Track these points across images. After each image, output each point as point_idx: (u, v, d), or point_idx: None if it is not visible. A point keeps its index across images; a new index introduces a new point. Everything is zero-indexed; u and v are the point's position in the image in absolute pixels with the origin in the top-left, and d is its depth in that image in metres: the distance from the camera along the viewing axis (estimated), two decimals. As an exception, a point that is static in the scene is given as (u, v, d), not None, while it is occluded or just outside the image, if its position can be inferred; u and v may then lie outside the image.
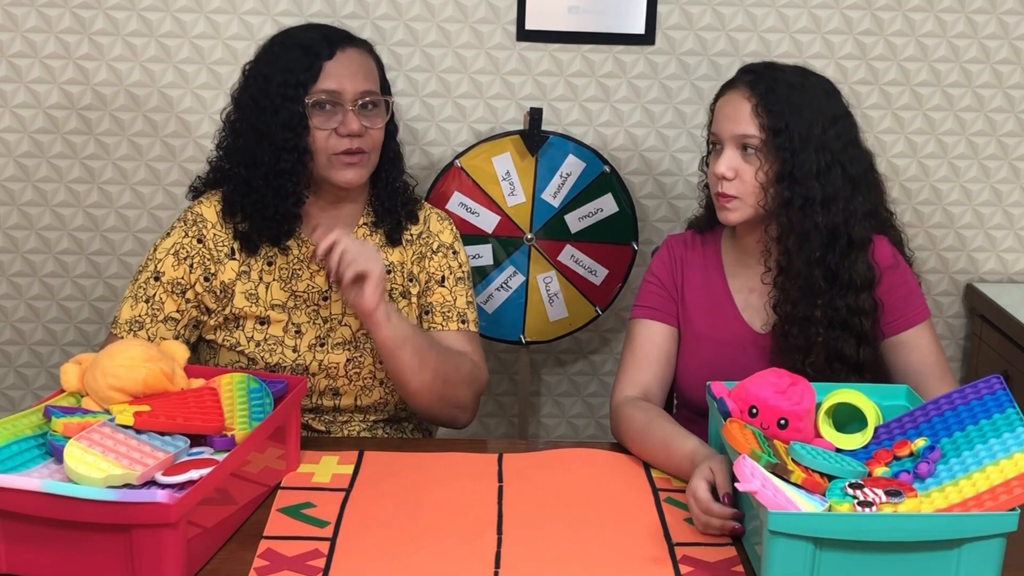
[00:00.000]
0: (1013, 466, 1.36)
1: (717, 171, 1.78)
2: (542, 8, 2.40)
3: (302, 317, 1.85)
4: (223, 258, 1.82)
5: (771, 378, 1.58)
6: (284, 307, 1.84)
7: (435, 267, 1.92)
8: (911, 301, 1.83)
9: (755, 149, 1.76)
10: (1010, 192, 2.55)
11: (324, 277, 1.84)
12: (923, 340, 1.82)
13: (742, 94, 1.78)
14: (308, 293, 1.85)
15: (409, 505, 1.55)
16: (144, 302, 1.81)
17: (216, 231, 1.83)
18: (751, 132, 1.76)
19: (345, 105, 1.78)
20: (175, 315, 1.81)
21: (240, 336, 1.83)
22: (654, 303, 1.89)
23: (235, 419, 1.52)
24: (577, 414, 2.69)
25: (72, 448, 1.35)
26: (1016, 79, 2.48)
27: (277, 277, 1.85)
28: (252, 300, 1.83)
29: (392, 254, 1.90)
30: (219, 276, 1.82)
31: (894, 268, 1.82)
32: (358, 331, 1.86)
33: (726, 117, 1.79)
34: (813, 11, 2.43)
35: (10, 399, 2.60)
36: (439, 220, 1.97)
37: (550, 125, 2.44)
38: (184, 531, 1.30)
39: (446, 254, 1.93)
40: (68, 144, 2.44)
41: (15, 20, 2.37)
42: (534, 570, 1.40)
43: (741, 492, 1.36)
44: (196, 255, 1.82)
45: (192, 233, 1.83)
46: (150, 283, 1.81)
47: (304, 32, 1.86)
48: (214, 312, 1.83)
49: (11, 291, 2.52)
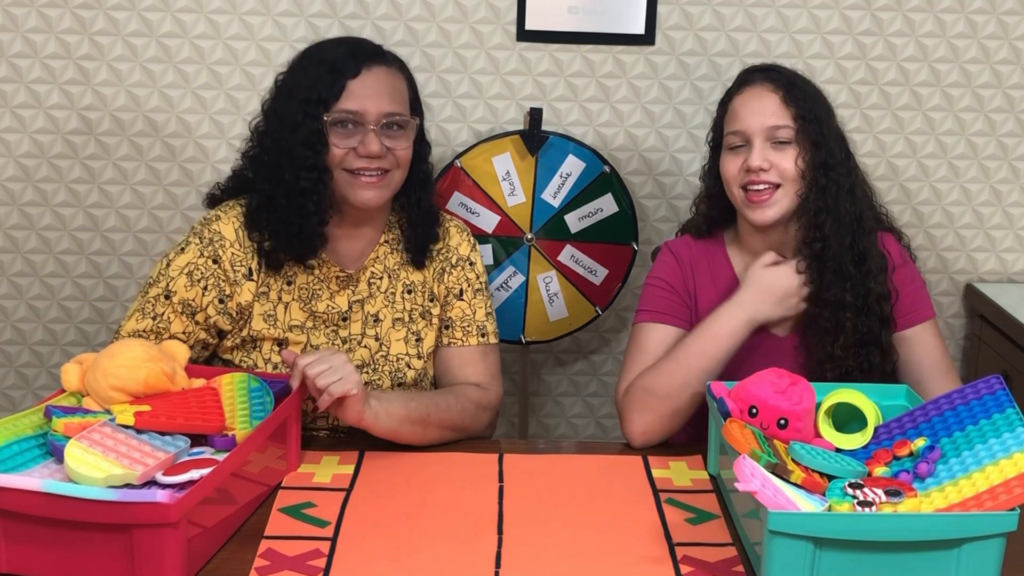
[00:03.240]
0: (1013, 466, 1.36)
1: (752, 164, 1.77)
2: (542, 8, 2.40)
3: (320, 338, 1.80)
4: (240, 279, 1.75)
5: (771, 378, 1.58)
6: (303, 328, 1.79)
7: (453, 280, 1.88)
8: (918, 299, 1.87)
9: (788, 140, 1.78)
10: (1010, 192, 2.55)
11: (344, 298, 1.81)
12: (929, 337, 1.85)
13: (765, 88, 1.80)
14: (328, 314, 1.80)
15: (409, 505, 1.55)
16: (151, 318, 1.74)
17: (234, 250, 1.75)
18: (784, 122, 1.78)
19: (367, 125, 1.72)
20: (181, 336, 1.75)
21: (258, 357, 1.78)
22: (663, 307, 1.87)
23: (236, 419, 1.52)
24: (577, 414, 2.69)
25: (72, 448, 1.35)
26: (1016, 79, 2.48)
27: (296, 297, 1.79)
28: (270, 322, 1.78)
29: (414, 274, 1.87)
30: (235, 298, 1.75)
31: (903, 266, 1.87)
32: (376, 353, 1.83)
33: (753, 112, 1.79)
34: (813, 11, 2.43)
35: (10, 399, 2.60)
36: (458, 232, 1.92)
37: (550, 125, 2.44)
38: (184, 531, 1.30)
39: (464, 267, 1.90)
40: (68, 144, 2.44)
41: (15, 20, 2.37)
42: (534, 570, 1.40)
43: (741, 492, 1.36)
44: (211, 276, 1.74)
45: (208, 253, 1.74)
46: (160, 300, 1.74)
47: (334, 47, 1.79)
48: (230, 334, 1.78)
49: (11, 291, 2.52)
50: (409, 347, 1.84)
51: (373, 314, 1.83)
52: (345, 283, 1.81)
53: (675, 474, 1.67)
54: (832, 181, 1.77)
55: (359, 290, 1.83)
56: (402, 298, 1.85)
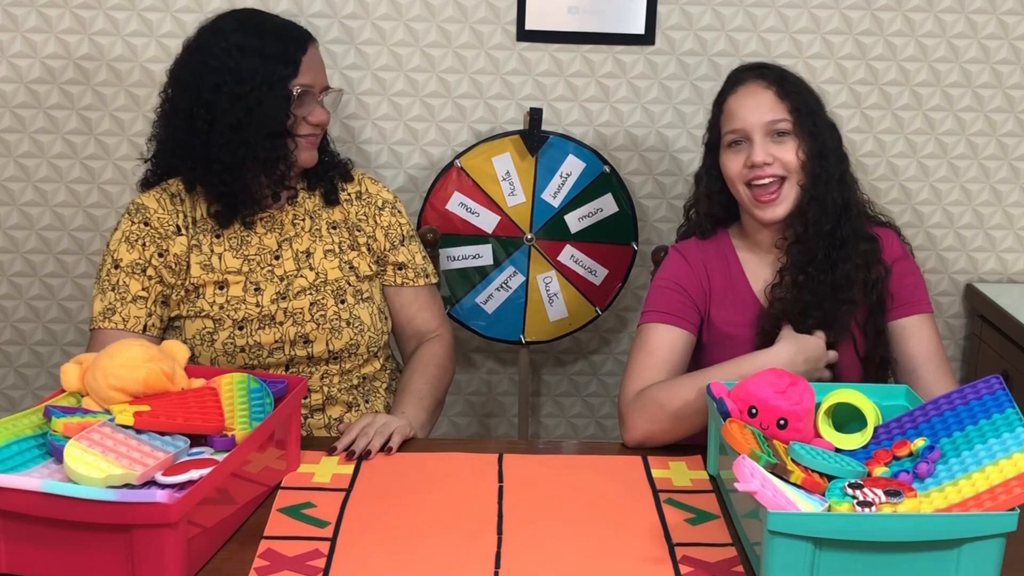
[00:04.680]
0: (1013, 466, 1.37)
1: (756, 159, 1.80)
2: (542, 8, 2.40)
3: (259, 276, 1.92)
4: (171, 234, 1.89)
5: (771, 378, 1.58)
6: (240, 271, 1.91)
7: (388, 223, 2.02)
8: (917, 291, 1.89)
9: (787, 131, 1.82)
10: (1010, 192, 2.55)
11: (272, 238, 1.93)
12: (925, 329, 1.87)
13: (759, 85, 1.84)
14: (260, 255, 1.92)
15: (409, 505, 1.55)
16: (111, 291, 1.87)
17: (159, 214, 1.89)
18: (781, 116, 1.82)
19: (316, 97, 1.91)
20: (142, 294, 1.87)
21: (203, 303, 1.89)
22: (672, 308, 1.86)
23: (235, 419, 1.52)
24: (577, 414, 2.69)
25: (72, 448, 1.35)
26: (1016, 79, 2.48)
27: (228, 247, 1.91)
28: (207, 269, 1.90)
29: (333, 213, 1.99)
30: (171, 250, 1.88)
31: (904, 259, 1.90)
32: (316, 280, 1.94)
33: (750, 109, 1.82)
34: (813, 11, 2.43)
35: (10, 399, 2.60)
36: (373, 182, 2.06)
37: (550, 125, 2.44)
38: (184, 531, 1.30)
39: (392, 212, 2.04)
40: (68, 144, 2.44)
41: (15, 20, 2.37)
42: (534, 570, 1.40)
43: (741, 492, 1.37)
44: (146, 236, 1.88)
45: (138, 219, 1.89)
46: (111, 273, 1.87)
47: (269, 21, 1.93)
48: (175, 287, 1.89)
49: (11, 291, 2.52)
50: (345, 273, 1.97)
51: (303, 250, 1.95)
52: (269, 225, 1.94)
53: (675, 474, 1.67)
54: (824, 170, 1.82)
55: (285, 230, 1.95)
56: (328, 233, 1.98)
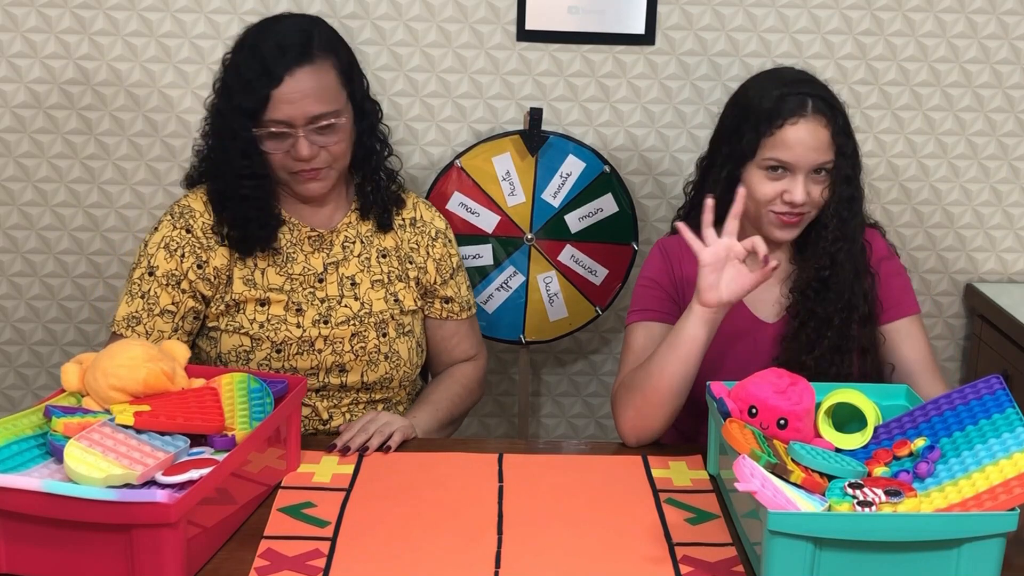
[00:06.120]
0: (1013, 466, 1.36)
1: (796, 199, 1.76)
2: (542, 8, 2.40)
3: (300, 297, 1.87)
4: (213, 245, 1.84)
5: (771, 378, 1.58)
6: (282, 290, 1.87)
7: (440, 254, 1.98)
8: (905, 292, 1.89)
9: (825, 171, 1.79)
10: (1010, 192, 2.55)
11: (319, 259, 1.89)
12: (915, 332, 1.87)
13: (819, 123, 1.78)
14: (304, 275, 1.88)
15: (409, 505, 1.55)
16: (140, 298, 1.83)
17: (204, 219, 1.85)
18: (828, 158, 1.79)
19: (296, 130, 1.77)
20: (171, 308, 1.83)
21: (243, 319, 1.85)
22: (651, 305, 1.89)
23: (235, 419, 1.52)
24: (577, 414, 2.69)
25: (72, 448, 1.35)
26: (1016, 79, 2.48)
27: (272, 263, 1.87)
28: (250, 285, 1.85)
29: (385, 240, 1.94)
30: (211, 262, 1.84)
31: (889, 259, 1.89)
32: (359, 311, 1.89)
33: (808, 148, 1.77)
34: (813, 11, 2.43)
35: (10, 399, 2.60)
36: (427, 208, 2.02)
37: (550, 125, 2.44)
38: (184, 531, 1.30)
39: (444, 243, 2.00)
40: (68, 144, 2.44)
41: (15, 20, 2.37)
42: (534, 570, 1.40)
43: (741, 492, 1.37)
44: (186, 244, 1.83)
45: (180, 224, 1.84)
46: (144, 279, 1.83)
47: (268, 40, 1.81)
48: (213, 300, 1.85)
49: (11, 291, 2.52)
50: (389, 305, 1.92)
51: (349, 277, 1.90)
52: (318, 244, 1.90)
53: (675, 474, 1.67)
54: (854, 214, 1.80)
55: (333, 252, 1.90)
56: (378, 262, 1.93)
